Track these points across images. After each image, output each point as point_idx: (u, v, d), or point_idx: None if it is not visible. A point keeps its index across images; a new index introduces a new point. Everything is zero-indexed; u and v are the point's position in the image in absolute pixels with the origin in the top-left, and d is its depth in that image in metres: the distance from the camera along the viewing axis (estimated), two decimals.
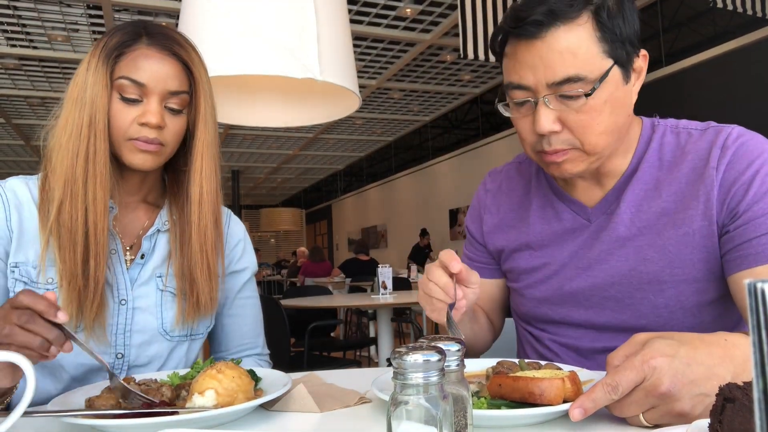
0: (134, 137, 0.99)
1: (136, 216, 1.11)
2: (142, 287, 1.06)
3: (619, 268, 0.99)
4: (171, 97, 1.01)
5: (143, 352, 1.05)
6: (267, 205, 20.46)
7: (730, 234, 0.90)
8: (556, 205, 1.08)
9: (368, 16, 6.19)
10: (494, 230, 1.17)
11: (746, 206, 0.88)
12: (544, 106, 0.89)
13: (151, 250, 1.09)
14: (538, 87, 0.89)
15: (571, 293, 1.05)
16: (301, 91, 1.64)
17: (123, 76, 0.98)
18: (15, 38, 6.34)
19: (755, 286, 0.24)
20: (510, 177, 1.19)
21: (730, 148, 0.91)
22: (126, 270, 1.06)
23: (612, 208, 1.01)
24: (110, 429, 0.72)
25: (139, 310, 1.05)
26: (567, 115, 0.89)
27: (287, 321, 3.21)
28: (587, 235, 1.03)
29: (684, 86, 5.98)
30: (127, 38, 1.00)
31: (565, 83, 0.87)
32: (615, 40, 0.88)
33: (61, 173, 0.97)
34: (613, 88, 0.89)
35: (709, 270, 0.93)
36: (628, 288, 0.98)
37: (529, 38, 0.88)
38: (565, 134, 0.91)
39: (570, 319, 1.06)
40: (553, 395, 0.67)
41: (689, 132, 0.99)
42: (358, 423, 0.75)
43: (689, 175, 0.95)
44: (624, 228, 0.98)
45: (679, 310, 0.95)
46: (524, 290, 1.12)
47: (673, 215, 0.95)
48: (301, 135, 11.51)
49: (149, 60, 0.99)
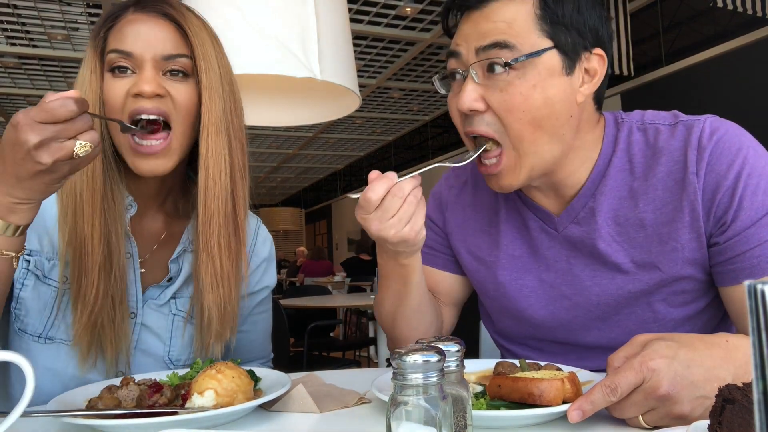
0: (131, 113, 0.86)
1: (155, 224, 1.01)
2: (155, 308, 0.99)
3: (605, 287, 0.93)
4: (167, 62, 0.88)
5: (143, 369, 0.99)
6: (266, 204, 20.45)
7: (720, 246, 0.85)
8: (523, 211, 1.01)
9: (368, 15, 6.19)
10: (457, 230, 1.10)
11: (734, 215, 0.83)
12: (471, 80, 0.85)
13: (177, 273, 1.00)
14: (468, 55, 0.86)
15: (552, 314, 0.99)
16: (300, 90, 1.64)
17: (111, 50, 0.88)
18: (15, 37, 6.33)
19: (755, 288, 0.24)
20: (476, 175, 1.09)
21: (707, 149, 0.85)
22: (138, 279, 0.97)
23: (581, 218, 0.93)
24: (110, 429, 0.72)
25: (146, 329, 0.98)
26: (491, 94, 0.84)
27: (287, 321, 3.22)
28: (558, 247, 0.97)
29: (684, 86, 5.98)
30: (114, 11, 0.90)
31: (492, 48, 0.83)
32: (558, 23, 0.84)
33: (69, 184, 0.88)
34: (546, 74, 0.83)
35: (698, 281, 0.90)
36: (615, 306, 0.93)
37: (470, 9, 0.87)
38: (489, 116, 0.85)
39: (554, 337, 1.01)
40: (553, 396, 0.67)
41: (657, 128, 0.91)
42: (357, 423, 0.75)
43: (666, 181, 0.88)
44: (605, 244, 0.91)
45: (669, 322, 0.92)
46: (497, 306, 1.05)
47: (656, 227, 0.89)
48: (300, 134, 11.50)
49: (135, 25, 0.88)
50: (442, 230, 1.13)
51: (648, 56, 6.42)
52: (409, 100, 9.69)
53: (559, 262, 0.96)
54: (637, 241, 0.90)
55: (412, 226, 0.82)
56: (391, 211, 0.80)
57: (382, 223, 0.81)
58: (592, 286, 0.94)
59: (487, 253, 1.05)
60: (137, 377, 0.87)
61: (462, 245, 1.09)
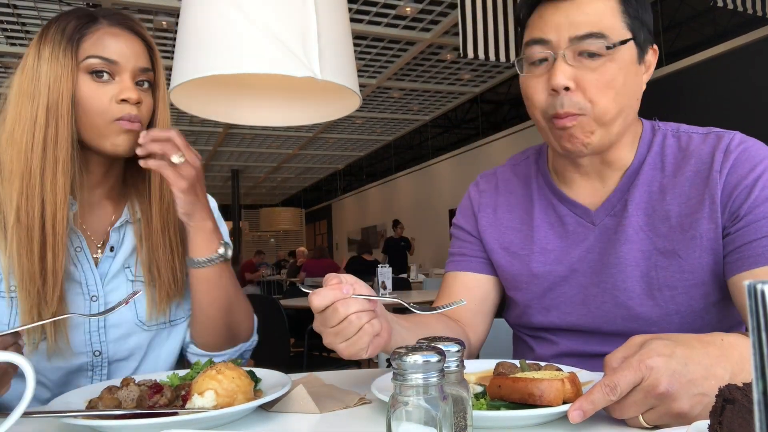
0: (118, 117, 0.98)
1: (104, 212, 1.09)
2: (113, 281, 1.06)
3: (630, 273, 0.97)
4: (140, 74, 1.02)
5: (122, 346, 1.05)
6: (266, 204, 20.45)
7: (731, 236, 0.91)
8: (558, 208, 1.07)
9: (368, 14, 6.19)
10: (489, 229, 1.14)
11: (747, 209, 0.89)
12: (563, 60, 0.92)
13: (119, 243, 1.08)
14: (559, 42, 0.92)
15: (582, 301, 1.02)
16: (300, 90, 1.64)
17: (92, 56, 0.97)
18: (15, 36, 6.33)
19: (755, 288, 0.24)
20: (506, 178, 1.17)
21: (733, 153, 0.93)
22: (95, 266, 1.05)
23: (617, 210, 1.00)
24: (110, 429, 0.71)
25: (111, 305, 1.03)
26: (583, 74, 0.92)
27: (287, 321, 3.21)
28: (593, 239, 1.02)
29: (684, 86, 5.98)
30: (84, 21, 0.99)
31: (587, 38, 0.91)
32: (636, 18, 0.94)
33: (16, 170, 0.93)
34: (629, 62, 0.93)
35: (715, 272, 0.94)
36: (640, 295, 0.97)
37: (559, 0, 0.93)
38: (577, 96, 0.92)
39: (577, 326, 1.04)
40: (553, 396, 0.67)
41: (690, 135, 1.01)
42: (357, 424, 0.75)
43: (693, 179, 0.96)
44: (633, 232, 0.98)
45: (689, 315, 0.95)
46: (529, 297, 1.08)
47: (680, 219, 0.95)
48: (300, 134, 11.50)
49: (116, 38, 0.99)
50: (475, 235, 1.17)
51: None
52: (409, 100, 9.70)
53: (592, 254, 1.02)
54: (662, 231, 0.97)
55: (351, 344, 0.77)
56: (330, 322, 0.76)
57: (324, 327, 0.78)
58: (617, 273, 0.99)
59: (520, 247, 1.10)
60: (137, 378, 0.87)
61: (495, 241, 1.13)
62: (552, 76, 0.92)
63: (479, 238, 1.16)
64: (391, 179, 13.88)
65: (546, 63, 0.94)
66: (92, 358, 1.02)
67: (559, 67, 0.91)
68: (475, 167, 10.03)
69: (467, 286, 1.15)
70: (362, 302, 0.77)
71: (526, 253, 1.08)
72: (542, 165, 1.12)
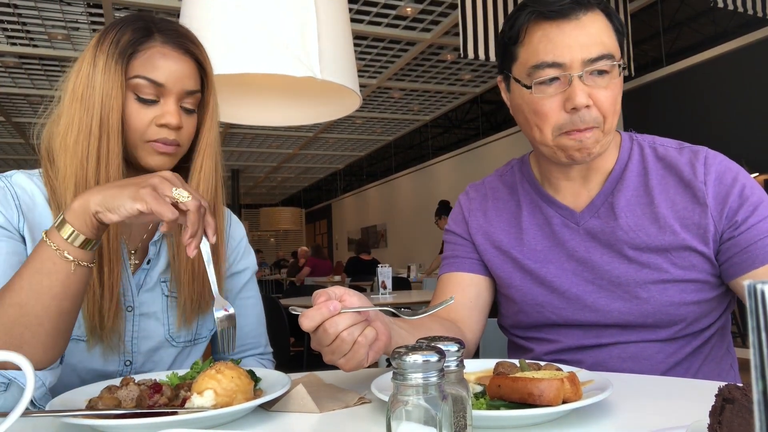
0: (153, 139, 0.97)
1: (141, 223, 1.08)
2: (148, 293, 1.05)
3: (621, 270, 1.03)
4: (187, 96, 1.00)
5: (150, 358, 1.05)
6: (267, 204, 20.44)
7: (734, 239, 0.98)
8: (545, 210, 1.12)
9: (368, 15, 6.19)
10: (481, 230, 1.18)
11: (745, 215, 0.97)
12: (580, 81, 0.96)
13: (156, 255, 1.07)
14: (573, 64, 0.96)
15: (575, 296, 1.06)
16: (301, 90, 1.64)
17: (139, 75, 0.95)
18: (15, 36, 6.33)
19: (755, 288, 0.24)
20: (494, 186, 1.22)
21: (713, 165, 1.01)
22: (131, 275, 1.04)
23: (601, 212, 1.06)
24: (110, 429, 0.72)
25: (145, 317, 1.04)
26: (597, 92, 0.97)
27: (287, 320, 3.21)
28: (579, 239, 1.07)
29: (684, 86, 5.98)
30: (138, 35, 0.96)
31: (600, 60, 0.96)
32: (620, 33, 1.02)
33: (71, 176, 0.93)
34: (618, 75, 1.00)
35: (708, 272, 1.01)
36: (630, 291, 1.02)
37: (563, 19, 0.96)
38: (594, 111, 0.98)
39: (571, 321, 1.08)
40: (553, 396, 0.67)
41: (666, 148, 1.08)
42: (357, 423, 0.75)
43: (677, 185, 1.03)
44: (622, 233, 1.03)
45: (682, 306, 1.01)
46: (523, 294, 1.12)
47: (669, 221, 1.01)
48: (301, 134, 11.50)
49: (167, 59, 0.97)
50: (467, 238, 1.21)
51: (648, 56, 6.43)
52: (410, 100, 9.69)
53: (579, 252, 1.07)
54: (651, 231, 1.02)
55: (349, 359, 0.77)
56: (324, 342, 0.77)
57: (319, 346, 0.79)
58: (610, 270, 1.04)
59: (511, 246, 1.14)
60: (137, 378, 0.87)
61: (487, 241, 1.17)
62: (573, 96, 0.96)
63: (471, 240, 1.20)
64: (391, 179, 13.88)
65: (558, 82, 0.98)
66: (123, 367, 1.02)
67: (578, 87, 0.96)
68: (475, 167, 10.03)
69: (461, 285, 1.18)
70: (351, 316, 0.76)
71: (517, 251, 1.13)
72: (527, 172, 1.18)
